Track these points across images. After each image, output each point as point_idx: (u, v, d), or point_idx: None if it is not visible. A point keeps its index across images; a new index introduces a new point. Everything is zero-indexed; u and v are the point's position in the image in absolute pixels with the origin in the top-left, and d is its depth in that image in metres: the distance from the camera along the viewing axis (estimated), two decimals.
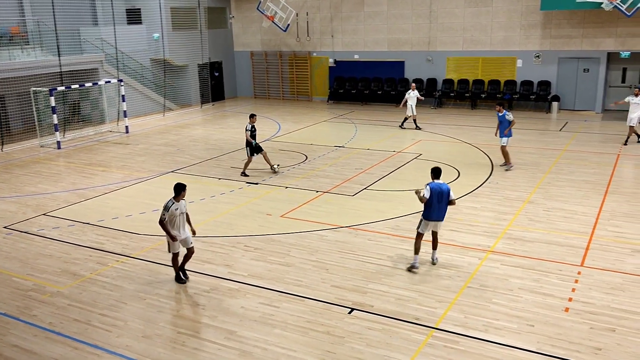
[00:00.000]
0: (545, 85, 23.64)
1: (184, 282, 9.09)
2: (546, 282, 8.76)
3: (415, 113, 20.63)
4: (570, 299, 8.19)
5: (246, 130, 14.91)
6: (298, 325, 7.75)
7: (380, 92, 26.84)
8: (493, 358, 6.89)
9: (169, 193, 13.93)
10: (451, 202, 9.09)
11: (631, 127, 17.48)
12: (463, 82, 25.27)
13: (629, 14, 19.95)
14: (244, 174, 15.13)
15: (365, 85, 27.37)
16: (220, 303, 8.46)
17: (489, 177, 14.51)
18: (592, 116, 22.52)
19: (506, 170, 14.95)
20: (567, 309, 7.92)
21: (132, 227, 11.66)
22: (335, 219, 11.77)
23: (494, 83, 24.60)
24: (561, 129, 20.35)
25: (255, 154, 15.04)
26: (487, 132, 19.77)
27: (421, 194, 9.01)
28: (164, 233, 8.92)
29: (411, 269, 9.21)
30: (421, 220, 9.23)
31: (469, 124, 21.66)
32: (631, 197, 12.54)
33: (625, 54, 22.14)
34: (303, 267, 9.56)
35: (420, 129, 20.62)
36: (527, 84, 23.97)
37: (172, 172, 15.93)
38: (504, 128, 14.88)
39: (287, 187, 14.08)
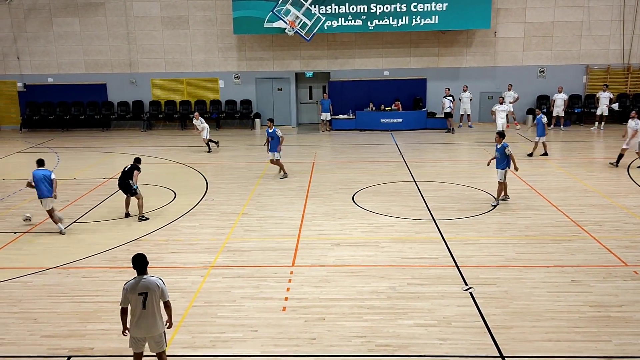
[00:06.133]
0: (247, 103, 25.29)
1: None
2: (265, 286, 9.34)
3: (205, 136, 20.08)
4: (286, 298, 8.89)
5: None
6: None
7: (83, 117, 25.12)
8: None
9: None
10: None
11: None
12: (170, 103, 25.35)
13: (307, 38, 22.73)
14: None
15: (65, 110, 25.27)
16: None
17: (204, 195, 14.83)
18: (289, 130, 24.92)
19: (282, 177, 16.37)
20: (284, 308, 8.58)
21: None
22: (41, 261, 10.53)
23: (201, 103, 25.30)
24: (265, 144, 21.95)
25: None
26: (198, 152, 20.21)
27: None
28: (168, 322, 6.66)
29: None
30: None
31: (181, 144, 21.83)
32: (326, 199, 14.27)
33: (309, 74, 25.16)
34: (5, 322, 8.29)
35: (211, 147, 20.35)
36: (231, 103, 25.30)
37: None
38: (275, 144, 16.16)
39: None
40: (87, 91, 25.23)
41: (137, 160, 13.32)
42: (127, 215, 13.02)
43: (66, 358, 7.33)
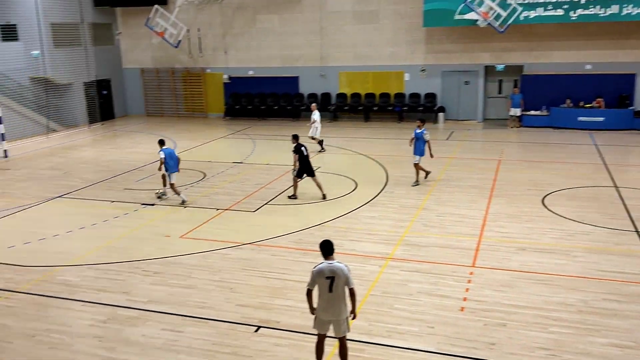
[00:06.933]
0: (431, 97, 25.00)
1: None
2: (442, 284, 9.19)
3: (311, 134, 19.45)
4: (464, 299, 8.66)
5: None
6: (204, 348, 7.53)
7: (276, 107, 27.00)
8: None
9: (57, 220, 13.12)
10: None
11: None
12: (356, 95, 26.08)
13: (501, 30, 21.68)
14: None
15: (262, 100, 27.43)
16: (119, 333, 8.03)
17: (384, 186, 15.03)
18: (474, 125, 24.12)
19: (413, 185, 14.97)
20: (462, 309, 8.36)
21: (16, 259, 10.76)
22: (238, 236, 11.61)
23: (385, 96, 25.63)
24: (447, 138, 21.58)
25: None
26: (380, 144, 20.51)
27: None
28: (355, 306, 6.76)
29: None
30: None
31: (363, 136, 22.37)
32: (513, 199, 13.54)
33: (500, 67, 23.97)
34: (206, 288, 9.33)
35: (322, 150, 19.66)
36: (414, 96, 25.22)
37: (59, 197, 14.95)
38: (420, 145, 14.81)
39: (185, 207, 13.72)
40: (281, 83, 27.07)
41: (298, 137, 14.31)
42: (294, 197, 14.05)
43: (256, 327, 8.02)
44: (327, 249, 6.61)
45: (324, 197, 13.98)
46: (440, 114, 24.69)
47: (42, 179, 16.94)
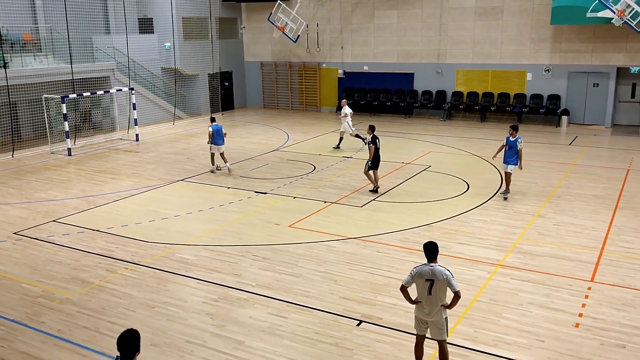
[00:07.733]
0: (555, 99, 23.60)
1: None
2: (556, 297, 8.70)
3: (342, 130, 19.66)
4: (580, 315, 8.13)
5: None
6: (306, 336, 7.73)
7: (389, 104, 26.87)
8: None
9: (178, 201, 14.06)
10: None
11: None
12: (472, 94, 25.27)
13: (639, 29, 19.95)
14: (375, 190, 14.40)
15: (374, 96, 27.43)
16: (229, 312, 8.46)
17: (498, 190, 14.46)
18: (601, 131, 22.45)
19: (504, 196, 13.77)
20: (577, 325, 7.86)
21: (141, 235, 11.70)
22: (344, 230, 11.76)
23: (504, 96, 24.59)
24: (571, 143, 20.29)
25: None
26: (496, 146, 19.67)
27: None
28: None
29: None
30: None
31: (478, 136, 21.64)
32: None
33: (634, 69, 22.08)
34: (311, 278, 9.56)
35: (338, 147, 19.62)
36: (536, 97, 23.94)
37: (182, 180, 16.00)
38: (512, 154, 13.42)
39: (295, 197, 14.10)
40: (395, 79, 26.89)
41: (374, 128, 14.78)
42: (376, 190, 14.39)
43: (358, 322, 8.09)
44: (431, 251, 6.47)
45: (376, 190, 14.33)
46: (564, 117, 23.26)
47: (167, 163, 18.22)
